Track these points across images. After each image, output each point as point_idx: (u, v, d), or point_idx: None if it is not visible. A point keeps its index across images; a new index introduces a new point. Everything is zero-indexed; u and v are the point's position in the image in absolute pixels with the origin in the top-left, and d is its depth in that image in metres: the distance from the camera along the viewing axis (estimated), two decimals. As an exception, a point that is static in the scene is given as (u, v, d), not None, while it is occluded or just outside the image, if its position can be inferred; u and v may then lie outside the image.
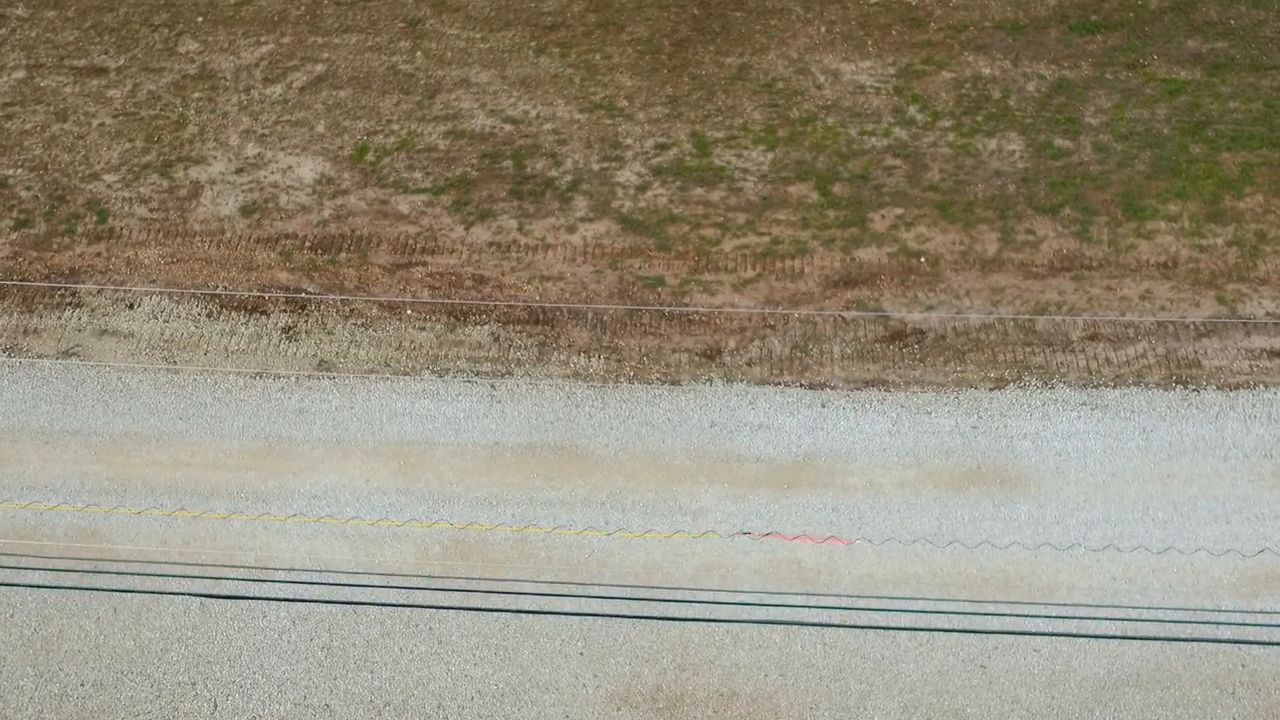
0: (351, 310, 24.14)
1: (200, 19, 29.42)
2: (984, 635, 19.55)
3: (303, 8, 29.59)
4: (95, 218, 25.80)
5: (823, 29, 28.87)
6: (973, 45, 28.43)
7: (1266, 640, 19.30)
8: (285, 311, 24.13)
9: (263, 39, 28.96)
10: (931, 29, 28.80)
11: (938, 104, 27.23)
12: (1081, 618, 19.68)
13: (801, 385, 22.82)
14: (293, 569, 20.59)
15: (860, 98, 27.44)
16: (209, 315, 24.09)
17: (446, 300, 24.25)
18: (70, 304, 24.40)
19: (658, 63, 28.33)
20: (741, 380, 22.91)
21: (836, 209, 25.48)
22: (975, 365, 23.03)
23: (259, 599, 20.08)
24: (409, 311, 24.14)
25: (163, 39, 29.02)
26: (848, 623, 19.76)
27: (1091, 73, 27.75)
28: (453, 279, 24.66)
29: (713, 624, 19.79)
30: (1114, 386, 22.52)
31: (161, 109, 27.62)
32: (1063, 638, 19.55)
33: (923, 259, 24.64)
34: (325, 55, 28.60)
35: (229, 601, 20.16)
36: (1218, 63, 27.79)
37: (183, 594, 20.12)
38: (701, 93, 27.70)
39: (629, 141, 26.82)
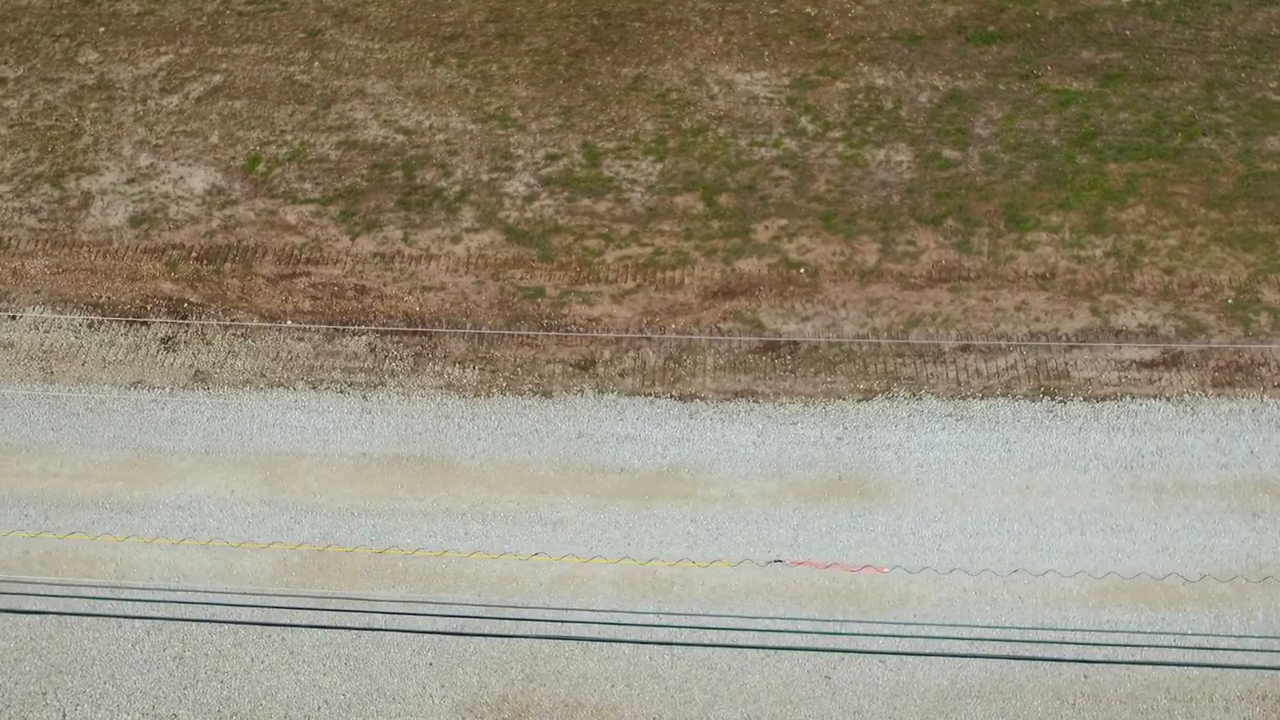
0: (232, 321, 24.26)
1: (102, 29, 29.57)
2: (828, 643, 19.65)
3: (204, 18, 29.73)
4: (-16, 228, 25.95)
5: (720, 39, 29.00)
6: (868, 56, 28.54)
7: (1106, 659, 19.39)
8: (166, 322, 24.26)
9: (163, 49, 29.10)
10: (829, 39, 28.93)
11: (829, 115, 27.35)
12: (928, 636, 19.75)
13: (672, 396, 22.93)
14: (151, 579, 20.70)
15: (753, 108, 27.56)
16: (90, 326, 24.23)
17: (324, 313, 24.37)
18: (-47, 314, 24.54)
19: (554, 73, 28.46)
20: (613, 391, 23.03)
21: (721, 219, 25.60)
22: (845, 376, 23.14)
23: (111, 617, 20.19)
24: (289, 322, 24.26)
25: (63, 49, 29.17)
26: (696, 638, 19.86)
27: (985, 83, 27.87)
28: (335, 289, 24.79)
29: (562, 633, 19.91)
30: (981, 398, 22.63)
31: (57, 119, 27.77)
32: (908, 650, 19.64)
33: (802, 270, 24.75)
34: (224, 66, 28.74)
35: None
36: (1111, 73, 27.90)
37: (37, 612, 20.26)
38: (595, 103, 27.82)
39: (520, 152, 26.95)
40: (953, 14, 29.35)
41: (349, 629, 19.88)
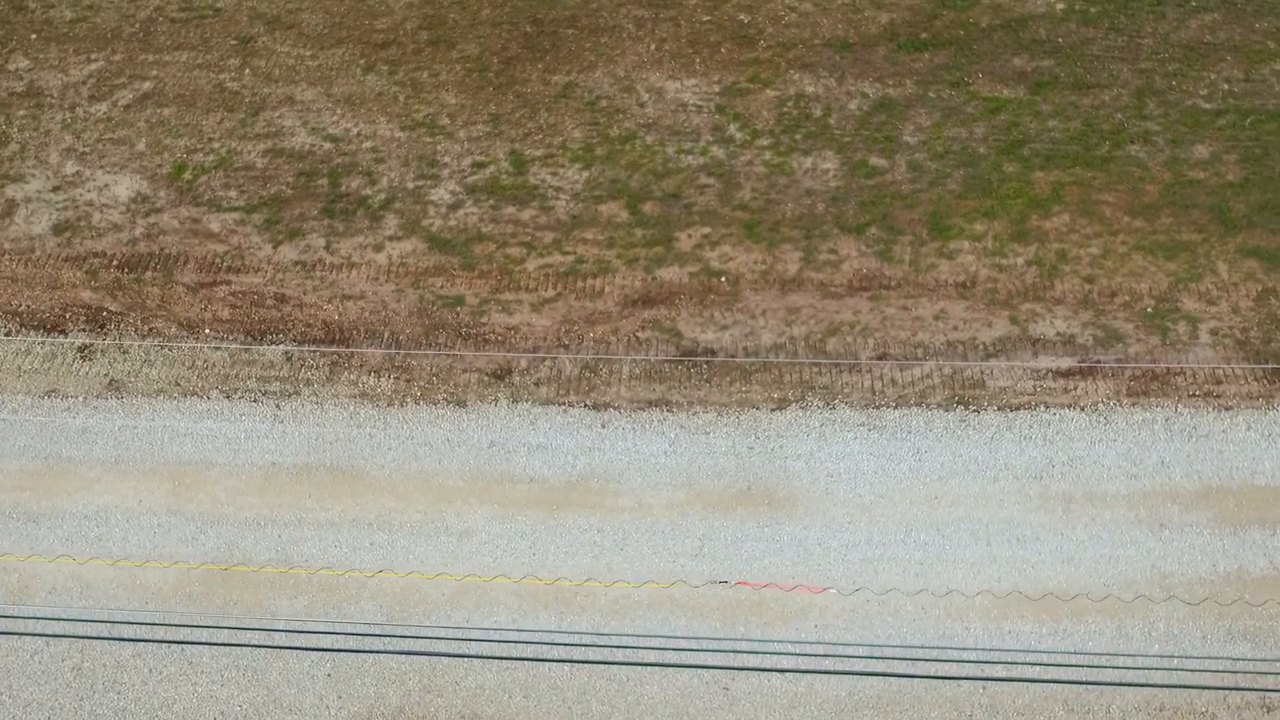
0: (150, 329, 24.20)
1: (34, 36, 29.52)
2: (729, 656, 19.57)
3: (137, 25, 29.69)
4: (-93, 236, 25.89)
5: (652, 47, 28.94)
6: (800, 63, 28.49)
7: (1007, 676, 19.30)
8: (84, 330, 24.20)
9: (94, 56, 29.05)
10: (761, 47, 28.87)
11: (758, 122, 27.29)
12: (827, 653, 19.66)
13: (586, 405, 22.86)
14: (54, 590, 20.63)
15: (681, 116, 27.50)
16: (7, 334, 24.16)
17: (243, 321, 24.29)
18: None
19: (484, 80, 28.40)
20: (527, 401, 22.95)
21: (644, 228, 25.53)
22: (761, 385, 23.07)
23: (8, 635, 20.15)
24: (206, 331, 24.19)
25: (-6, 57, 29.15)
26: (598, 644, 19.79)
27: (915, 91, 27.80)
28: (254, 298, 24.72)
29: (463, 643, 19.83)
30: (895, 407, 22.55)
31: (-15, 127, 27.74)
32: (808, 659, 19.56)
33: (723, 279, 24.68)
34: (154, 73, 28.68)
35: (-16, 622, 20.26)
36: (1042, 81, 27.84)
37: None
38: (525, 111, 27.76)
39: (447, 160, 26.88)
40: (886, 21, 29.29)
41: (248, 646, 19.77)
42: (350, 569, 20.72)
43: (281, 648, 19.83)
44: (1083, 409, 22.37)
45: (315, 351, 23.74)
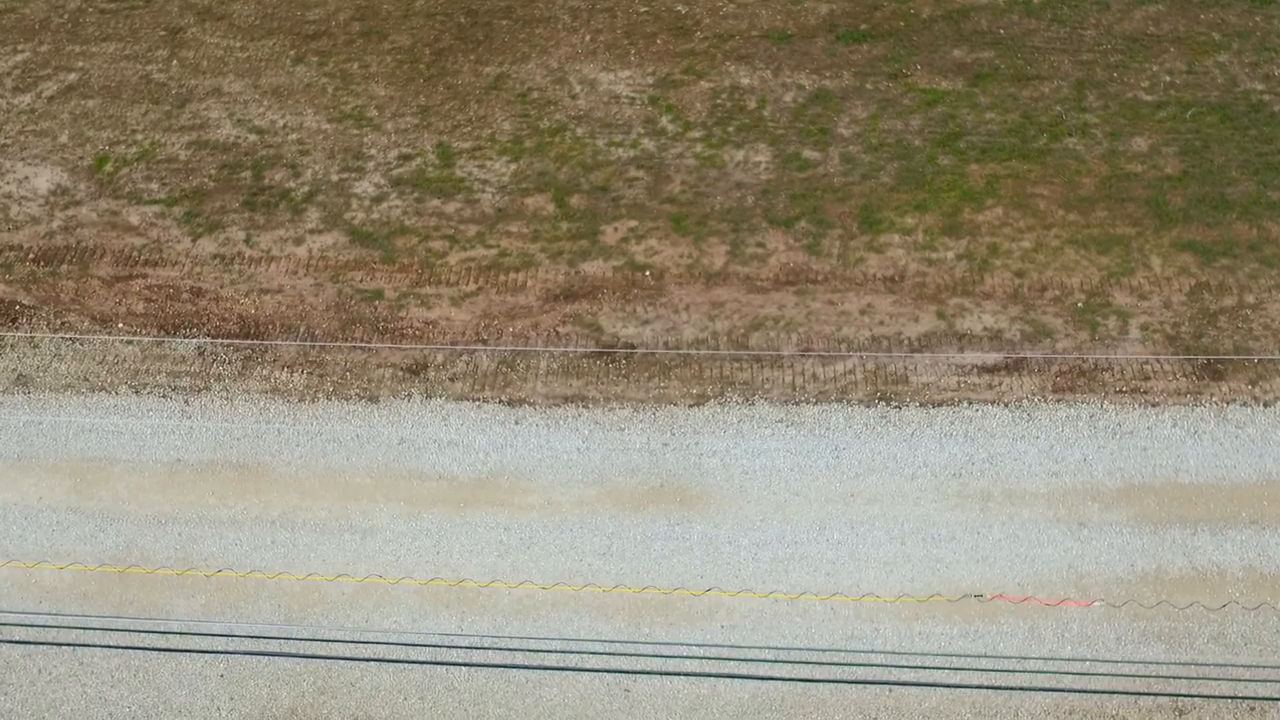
0: (62, 323, 23.75)
1: (-39, 27, 29.10)
2: (631, 659, 19.10)
3: (66, 15, 29.25)
4: None
5: (588, 38, 28.49)
6: (736, 55, 28.02)
7: (915, 681, 18.84)
8: (-5, 325, 23.76)
9: (19, 47, 28.62)
10: (697, 38, 28.41)
11: (690, 115, 26.83)
12: (734, 646, 19.21)
13: (500, 401, 22.38)
14: (-53, 588, 20.20)
15: (613, 108, 27.04)
16: (-85, 328, 23.73)
17: (158, 315, 23.84)
18: None
19: (415, 72, 27.94)
20: (441, 396, 22.48)
21: (570, 221, 25.06)
22: (680, 381, 22.59)
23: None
24: (120, 325, 23.74)
25: (-82, 48, 28.71)
26: (499, 649, 19.33)
27: (852, 83, 27.34)
28: (170, 292, 24.26)
29: (359, 645, 19.38)
30: (815, 403, 22.06)
31: (-94, 119, 27.30)
32: (711, 661, 19.08)
33: (647, 273, 24.20)
34: (80, 64, 28.25)
35: (-127, 622, 19.79)
36: (981, 73, 27.37)
37: None
38: (454, 102, 27.30)
39: (373, 152, 26.43)
40: (825, 12, 28.83)
41: (141, 649, 19.32)
42: (250, 568, 20.23)
43: (174, 650, 19.35)
44: (1006, 405, 21.90)
45: (229, 345, 23.27)
